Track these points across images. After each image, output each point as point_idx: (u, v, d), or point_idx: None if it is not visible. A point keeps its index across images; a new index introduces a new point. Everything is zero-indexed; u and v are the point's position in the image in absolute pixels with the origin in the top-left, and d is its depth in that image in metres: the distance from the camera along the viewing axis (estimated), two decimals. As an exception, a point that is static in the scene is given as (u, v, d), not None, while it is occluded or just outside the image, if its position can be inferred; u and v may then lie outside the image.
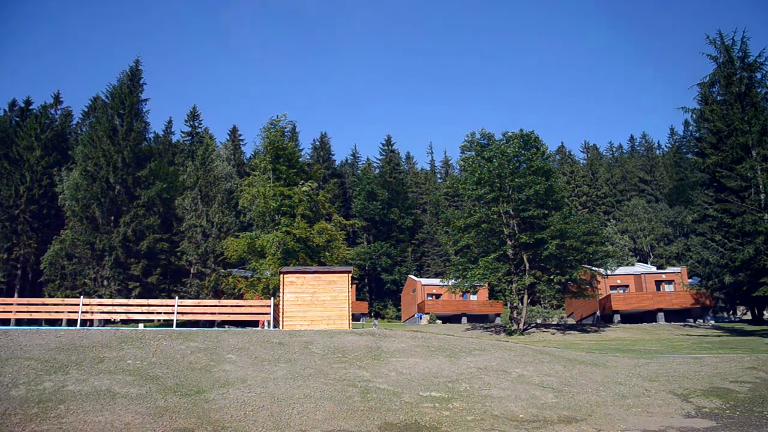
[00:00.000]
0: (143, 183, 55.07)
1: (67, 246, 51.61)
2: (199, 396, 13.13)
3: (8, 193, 61.14)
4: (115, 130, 55.43)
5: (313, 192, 43.69)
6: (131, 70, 58.30)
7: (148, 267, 52.44)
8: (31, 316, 27.20)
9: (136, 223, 52.06)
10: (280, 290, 23.46)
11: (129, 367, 15.11)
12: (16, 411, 11.95)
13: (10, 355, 15.94)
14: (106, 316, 27.92)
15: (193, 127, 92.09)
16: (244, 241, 41.57)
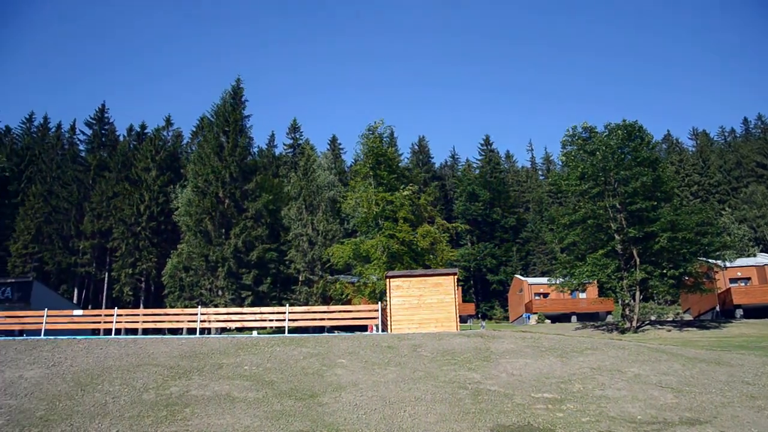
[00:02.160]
0: (250, 196, 57.15)
1: (184, 259, 54.36)
2: (313, 400, 13.46)
3: (130, 212, 65.29)
4: (221, 146, 57.89)
5: (415, 195, 43.85)
6: (233, 88, 60.75)
7: (258, 276, 54.34)
8: (156, 325, 28.87)
9: (245, 235, 54.10)
10: (387, 294, 23.64)
11: (246, 372, 15.71)
12: (149, 413, 12.78)
13: (140, 362, 17.03)
14: (222, 324, 29.22)
15: (294, 139, 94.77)
16: (349, 247, 42.25)
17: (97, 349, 18.86)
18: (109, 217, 67.78)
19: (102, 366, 16.80)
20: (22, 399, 14.41)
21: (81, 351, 18.74)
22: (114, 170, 72.31)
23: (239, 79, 61.57)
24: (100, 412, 13.10)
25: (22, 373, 16.52)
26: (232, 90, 60.86)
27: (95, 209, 69.03)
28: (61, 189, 72.18)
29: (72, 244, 69.04)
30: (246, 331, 37.36)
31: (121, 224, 65.69)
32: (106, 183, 70.80)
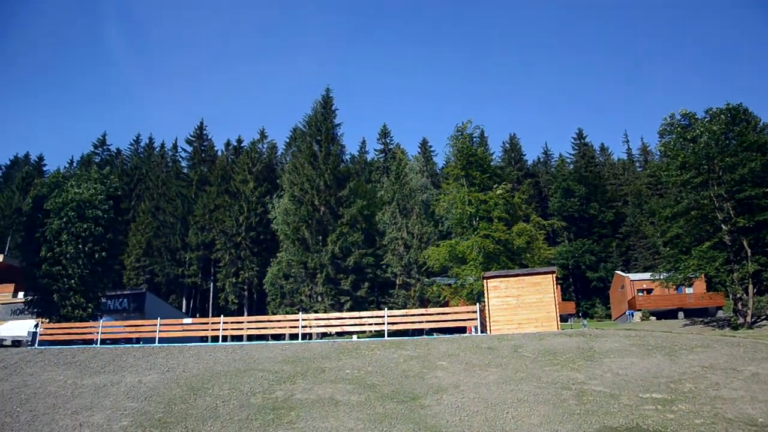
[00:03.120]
0: (345, 202, 58.04)
1: (284, 267, 55.84)
2: (415, 402, 13.54)
3: (231, 224, 67.87)
4: (315, 156, 59.13)
5: (508, 194, 43.34)
6: (323, 98, 62.00)
7: (356, 281, 55.07)
8: (259, 332, 29.82)
9: (342, 241, 54.97)
10: (485, 295, 23.47)
11: (348, 376, 15.99)
12: (256, 417, 13.27)
13: (247, 367, 17.67)
14: (323, 329, 29.82)
15: (385, 144, 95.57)
16: (444, 249, 42.20)
17: (207, 356, 19.71)
18: (211, 229, 70.66)
19: (211, 371, 17.54)
20: (142, 402, 15.29)
21: (192, 357, 19.64)
22: (214, 184, 75.36)
23: (329, 89, 62.82)
24: (211, 415, 13.70)
25: (141, 378, 17.50)
26: (322, 100, 62.11)
27: (198, 222, 72.17)
28: (166, 204, 76.04)
29: (179, 256, 72.52)
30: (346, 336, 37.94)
31: (222, 236, 68.33)
32: (208, 196, 73.91)
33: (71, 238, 34.17)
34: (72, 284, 33.74)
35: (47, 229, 34.57)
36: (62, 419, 14.78)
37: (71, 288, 33.77)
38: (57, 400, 16.36)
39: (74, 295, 33.71)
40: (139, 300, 47.37)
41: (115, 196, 37.88)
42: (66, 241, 34.08)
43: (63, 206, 34.72)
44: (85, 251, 34.23)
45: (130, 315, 44.55)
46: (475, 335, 22.77)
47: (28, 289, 37.21)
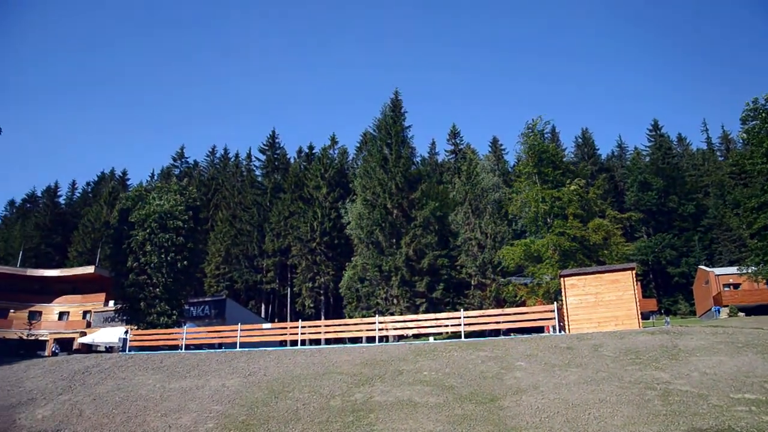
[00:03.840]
0: (417, 204, 58.08)
1: (359, 271, 56.34)
2: (494, 403, 13.43)
3: (306, 230, 69.07)
4: (385, 159, 59.43)
5: (583, 190, 42.35)
6: (392, 101, 62.25)
7: (431, 283, 55.02)
8: (336, 335, 30.21)
9: (415, 243, 55.02)
10: (562, 294, 23.04)
11: (425, 378, 16.00)
12: (336, 419, 13.47)
13: (326, 370, 17.95)
14: (399, 331, 29.93)
15: (455, 145, 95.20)
16: (519, 248, 41.61)
17: (286, 360, 20.12)
18: (287, 236, 72.10)
19: (291, 375, 17.90)
20: (226, 405, 15.77)
21: (272, 361, 20.09)
22: (288, 191, 76.91)
23: (397, 92, 63.02)
24: (292, 417, 13.99)
25: (224, 382, 18.04)
26: (391, 103, 62.38)
27: (274, 229, 73.81)
28: (243, 213, 78.14)
29: (256, 263, 74.36)
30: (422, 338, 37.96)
31: (298, 242, 69.59)
32: (282, 203, 75.52)
33: (155, 248, 35.59)
34: (157, 292, 35.13)
35: (132, 240, 36.12)
36: (153, 421, 15.45)
37: (156, 296, 35.17)
38: (148, 402, 17.09)
39: (159, 302, 35.09)
40: (220, 306, 48.83)
41: (194, 206, 39.19)
42: (150, 252, 35.52)
43: (146, 218, 36.21)
44: (168, 260, 35.57)
45: (211, 321, 46.00)
46: (553, 335, 22.38)
47: (118, 298, 38.97)
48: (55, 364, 24.76)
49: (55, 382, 21.17)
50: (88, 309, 59.64)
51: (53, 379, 21.56)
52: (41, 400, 19.11)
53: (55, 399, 18.92)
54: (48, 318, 61.52)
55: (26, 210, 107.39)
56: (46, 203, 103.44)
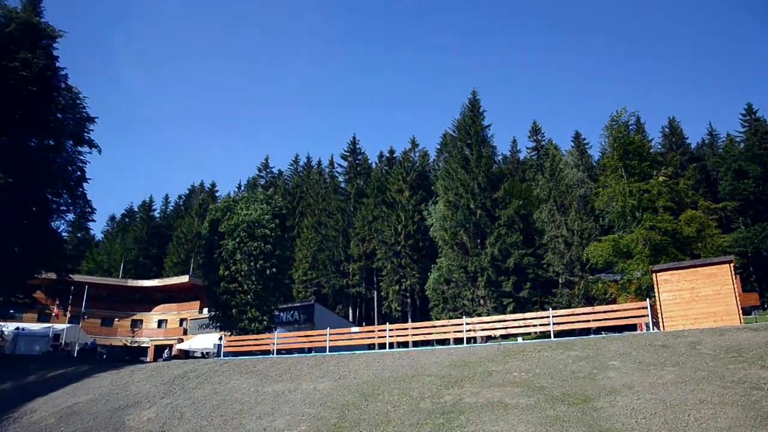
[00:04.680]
0: (500, 204, 57.54)
1: (444, 272, 56.26)
2: (587, 404, 13.12)
3: (390, 233, 69.55)
4: (466, 159, 59.18)
5: (672, 181, 40.81)
6: (470, 101, 61.97)
7: (517, 282, 54.32)
8: (424, 337, 30.23)
9: (500, 243, 54.49)
10: (655, 290, 22.26)
11: (515, 379, 15.81)
12: (427, 421, 13.51)
13: (414, 372, 18.03)
14: (487, 332, 29.69)
15: (537, 141, 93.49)
16: (607, 244, 40.50)
17: (375, 363, 20.33)
18: (371, 240, 72.78)
19: (380, 378, 18.07)
20: (317, 408, 16.11)
21: (361, 364, 20.34)
22: (371, 196, 77.68)
23: (475, 92, 62.64)
24: (383, 420, 14.12)
25: (315, 386, 18.42)
26: (469, 103, 62.12)
27: (359, 234, 74.69)
28: (327, 219, 79.48)
29: (342, 268, 75.41)
30: (511, 338, 37.52)
31: (383, 245, 70.12)
32: (366, 208, 76.35)
33: (244, 256, 36.69)
34: (248, 299, 36.19)
35: (223, 249, 37.38)
36: (248, 423, 15.96)
37: (247, 303, 36.23)
38: (243, 406, 17.68)
39: (250, 309, 36.12)
40: (308, 311, 49.82)
41: (280, 214, 40.16)
42: (240, 260, 36.64)
43: (235, 228, 37.39)
44: (257, 268, 36.59)
45: (301, 326, 46.96)
46: (647, 332, 21.65)
47: (211, 306, 40.36)
48: (156, 370, 25.96)
49: (157, 386, 22.21)
50: (184, 317, 62.24)
51: (155, 384, 22.63)
52: (146, 403, 20.11)
53: (158, 402, 19.86)
54: (148, 326, 64.64)
55: (125, 224, 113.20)
56: (142, 217, 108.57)
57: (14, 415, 21.96)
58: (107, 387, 23.62)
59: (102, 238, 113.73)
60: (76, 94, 40.48)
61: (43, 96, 37.92)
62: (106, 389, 23.25)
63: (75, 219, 41.64)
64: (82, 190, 40.56)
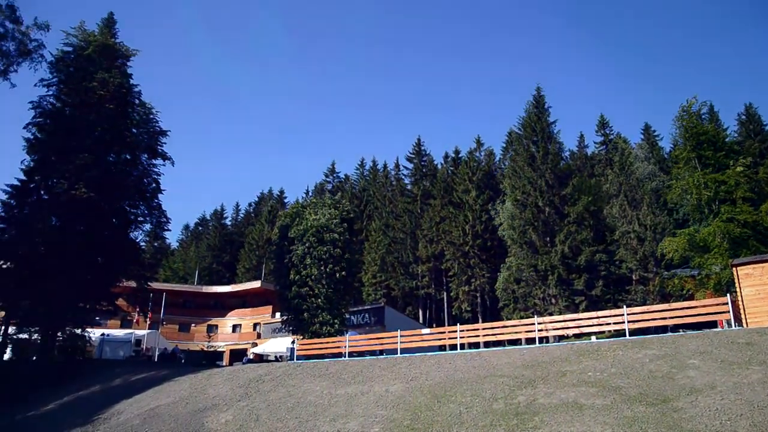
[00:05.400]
0: (569, 200, 56.58)
1: (514, 271, 55.69)
2: (666, 405, 12.76)
3: (457, 234, 69.33)
4: (533, 157, 58.46)
5: (751, 170, 39.13)
6: (535, 98, 61.26)
7: (589, 280, 53.26)
8: (495, 338, 29.98)
9: (570, 240, 53.58)
10: (735, 285, 21.41)
11: (590, 379, 15.51)
12: (500, 422, 13.41)
13: (486, 373, 17.93)
14: (559, 332, 29.21)
15: (605, 136, 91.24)
16: (682, 238, 39.17)
17: (447, 364, 20.31)
18: (439, 241, 72.64)
19: (452, 379, 18.05)
20: (390, 410, 16.22)
21: (433, 366, 20.36)
22: (437, 197, 77.56)
23: (539, 88, 61.86)
24: (456, 421, 14.11)
25: (387, 388, 18.55)
26: (534, 99, 61.34)
27: (426, 235, 74.67)
28: (395, 221, 79.80)
29: (411, 269, 75.54)
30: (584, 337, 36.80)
31: (450, 246, 69.90)
32: (433, 209, 76.28)
33: (314, 261, 37.27)
34: (319, 303, 36.72)
35: (293, 254, 38.06)
36: (323, 425, 16.22)
37: (318, 306, 36.76)
38: (317, 408, 17.97)
39: (321, 312, 36.63)
40: (379, 314, 50.15)
41: (348, 218, 40.60)
42: (310, 264, 37.23)
43: (304, 233, 38.02)
44: (327, 272, 37.08)
45: (372, 328, 47.31)
46: (728, 329, 20.84)
47: (283, 310, 41.16)
48: (232, 373, 26.65)
49: (234, 389, 22.81)
50: (257, 321, 63.65)
51: (232, 387, 23.24)
52: (223, 405, 20.70)
53: (235, 405, 20.40)
54: (223, 330, 66.42)
55: (198, 233, 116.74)
56: (214, 225, 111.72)
57: (103, 416, 23.08)
58: (187, 390, 24.43)
59: (177, 246, 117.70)
60: (149, 109, 42.22)
61: (120, 112, 39.77)
62: (185, 392, 24.06)
63: (152, 229, 43.32)
64: (158, 201, 42.19)
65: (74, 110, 38.64)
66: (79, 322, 37.88)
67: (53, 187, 37.53)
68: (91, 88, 38.31)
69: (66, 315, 36.57)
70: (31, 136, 38.99)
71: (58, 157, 37.28)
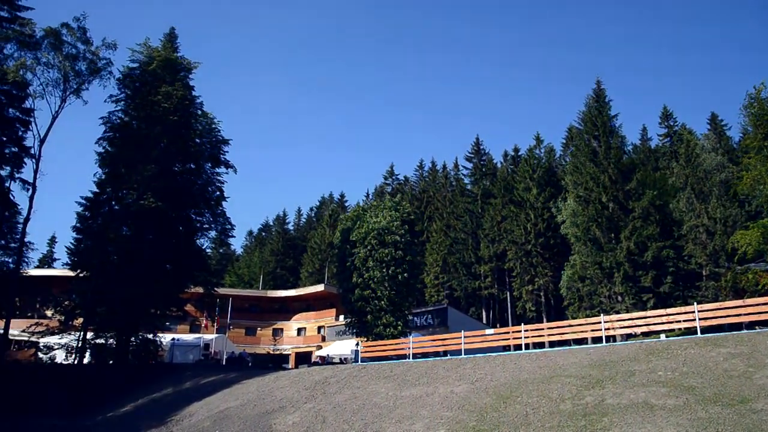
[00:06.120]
0: (633, 195, 55.28)
1: (578, 269, 54.70)
2: (744, 406, 12.30)
3: (519, 233, 68.64)
4: (594, 152, 57.34)
5: (830, 158, 37.33)
6: (594, 91, 60.14)
7: (657, 276, 51.89)
8: (560, 337, 29.51)
9: (636, 236, 52.32)
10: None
11: (661, 378, 15.10)
12: (567, 423, 13.19)
13: (552, 373, 17.67)
14: (627, 330, 28.49)
15: (669, 127, 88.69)
16: (756, 231, 37.70)
17: (511, 364, 20.12)
18: (501, 241, 72.04)
19: (518, 379, 17.87)
20: (456, 411, 16.19)
21: (497, 367, 20.21)
22: (498, 196, 76.91)
23: (599, 81, 60.60)
24: (522, 422, 13.97)
25: (452, 389, 18.51)
26: (594, 93, 60.17)
27: (488, 235, 74.13)
28: (456, 222, 79.54)
29: (473, 270, 75.13)
30: (653, 335, 35.80)
31: (513, 245, 69.23)
32: (494, 209, 75.68)
33: (376, 263, 37.49)
34: (382, 305, 36.91)
35: (355, 257, 38.39)
36: (388, 427, 16.30)
37: (381, 308, 36.95)
38: (382, 410, 18.07)
39: (384, 314, 36.81)
40: (441, 315, 50.06)
41: (408, 220, 40.70)
42: (372, 267, 37.47)
43: (366, 236, 38.31)
44: (389, 274, 37.24)
45: (435, 329, 47.26)
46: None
47: (346, 313, 41.58)
48: (298, 376, 27.07)
49: (300, 391, 23.16)
50: (321, 324, 64.41)
51: (298, 389, 23.61)
52: (290, 407, 21.05)
53: (301, 407, 20.72)
54: (288, 334, 67.47)
55: (262, 238, 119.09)
56: (277, 231, 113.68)
57: (176, 418, 23.84)
58: (254, 393, 24.95)
59: (242, 252, 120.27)
60: (211, 119, 43.42)
61: (183, 123, 41.11)
62: (253, 395, 24.58)
63: (217, 236, 44.50)
64: (222, 208, 43.33)
65: (141, 123, 40.23)
66: (150, 327, 39.33)
67: (123, 198, 39.14)
68: (156, 102, 39.73)
69: (139, 321, 38.05)
70: (102, 150, 40.83)
71: (127, 169, 38.85)
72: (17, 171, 38.65)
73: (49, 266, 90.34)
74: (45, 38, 38.87)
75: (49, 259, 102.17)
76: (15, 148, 38.66)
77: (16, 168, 38.56)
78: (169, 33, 44.84)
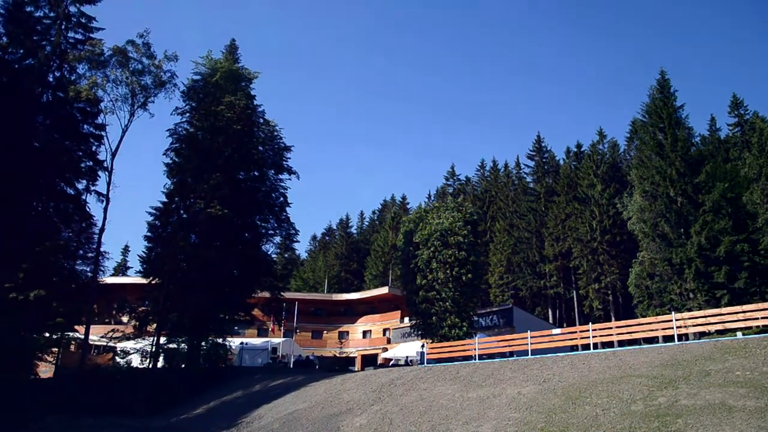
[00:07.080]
0: (703, 188, 53.49)
1: (646, 266, 53.29)
2: (828, 404, 11.81)
3: (585, 230, 67.45)
4: (660, 145, 55.76)
5: None
6: (658, 82, 58.52)
7: (731, 272, 50.01)
8: (629, 336, 28.85)
9: (707, 231, 50.60)
10: None
11: (738, 378, 14.59)
12: (640, 425, 12.91)
13: (623, 373, 17.32)
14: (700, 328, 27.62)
15: (739, 116, 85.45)
16: (837, 222, 36.06)
17: (580, 364, 19.81)
18: (566, 239, 70.94)
19: (587, 380, 17.59)
20: (523, 412, 16.06)
21: (566, 367, 19.93)
22: (561, 193, 75.78)
23: (663, 72, 58.84)
24: (592, 423, 13.75)
25: (519, 390, 18.37)
26: (658, 84, 58.48)
27: (552, 233, 73.11)
28: (519, 221, 78.77)
29: (538, 269, 74.21)
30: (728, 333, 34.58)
31: (578, 243, 68.06)
32: (557, 207, 74.59)
33: (439, 265, 37.51)
34: (446, 306, 36.88)
35: (419, 259, 38.51)
36: (455, 429, 16.30)
37: (446, 310, 36.92)
38: (449, 411, 18.08)
39: (449, 316, 36.77)
40: (507, 315, 49.61)
41: (471, 221, 40.56)
42: (436, 268, 37.50)
43: (429, 237, 38.37)
44: (453, 275, 37.19)
45: (500, 330, 46.88)
46: None
47: (411, 315, 41.74)
48: (365, 378, 27.32)
49: (366, 393, 23.38)
50: (386, 326, 64.68)
51: (365, 391, 23.83)
52: (357, 409, 21.28)
53: (368, 409, 20.91)
54: (354, 336, 68.02)
55: (326, 242, 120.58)
56: (341, 234, 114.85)
57: (246, 420, 24.44)
58: (322, 395, 25.32)
59: (306, 256, 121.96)
60: (273, 126, 44.39)
61: (246, 132, 42.21)
62: (321, 397, 24.95)
63: (282, 241, 45.42)
64: (286, 214, 44.22)
65: (205, 134, 41.48)
66: (220, 331, 40.40)
67: (191, 206, 40.39)
68: (220, 112, 40.86)
69: (208, 325, 39.15)
70: (169, 160, 42.32)
71: (194, 179, 40.11)
72: (92, 184, 40.29)
73: (123, 274, 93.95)
74: (113, 56, 40.53)
75: (123, 268, 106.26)
76: (90, 162, 40.32)
77: (91, 181, 40.22)
78: (230, 45, 46.16)
